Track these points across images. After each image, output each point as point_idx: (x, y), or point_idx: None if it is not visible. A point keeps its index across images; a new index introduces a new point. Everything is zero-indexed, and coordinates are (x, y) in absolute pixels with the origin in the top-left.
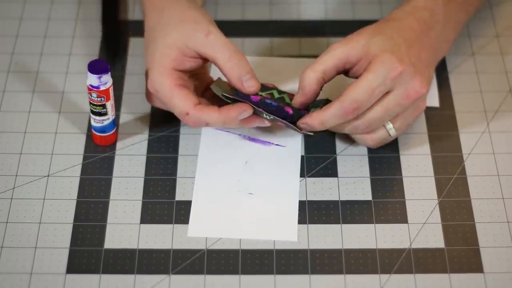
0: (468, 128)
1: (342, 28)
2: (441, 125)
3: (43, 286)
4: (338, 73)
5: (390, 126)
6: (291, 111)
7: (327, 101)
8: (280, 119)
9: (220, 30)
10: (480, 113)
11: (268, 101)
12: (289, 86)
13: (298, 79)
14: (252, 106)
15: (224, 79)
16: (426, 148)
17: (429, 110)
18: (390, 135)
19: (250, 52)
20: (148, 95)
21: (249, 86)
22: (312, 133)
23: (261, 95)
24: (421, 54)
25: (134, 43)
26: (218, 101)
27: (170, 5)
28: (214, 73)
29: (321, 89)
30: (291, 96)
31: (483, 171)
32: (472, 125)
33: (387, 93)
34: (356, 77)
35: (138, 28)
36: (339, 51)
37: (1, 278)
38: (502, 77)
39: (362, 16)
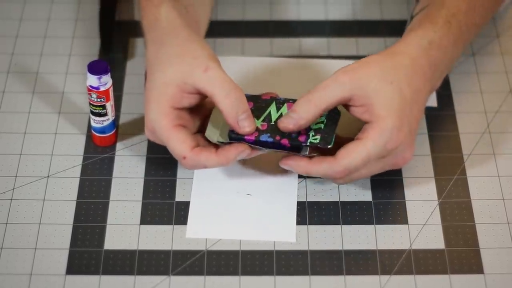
0: (468, 128)
1: (342, 28)
2: (441, 126)
3: (43, 287)
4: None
5: None
6: (288, 144)
7: (330, 114)
8: (280, 151)
9: (220, 65)
10: (480, 113)
11: (263, 138)
12: (289, 87)
13: (298, 79)
14: (249, 145)
15: None
16: (426, 149)
17: (429, 110)
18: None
19: (250, 53)
20: (147, 131)
21: (244, 126)
22: (315, 154)
23: (257, 128)
24: (420, 108)
25: (134, 43)
26: None
27: (169, 39)
28: None
29: None
30: (291, 104)
31: (483, 171)
32: (473, 126)
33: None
34: (350, 113)
35: (138, 29)
36: (345, 89)
37: (1, 279)
38: (503, 78)
39: (362, 16)
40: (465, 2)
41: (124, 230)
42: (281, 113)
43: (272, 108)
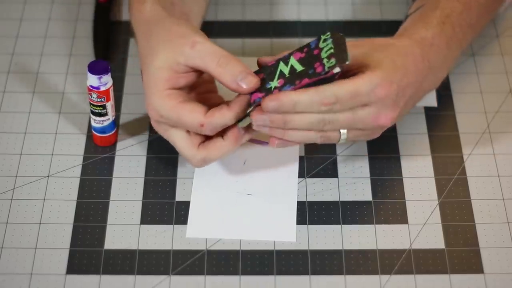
0: (468, 128)
1: (342, 29)
2: (442, 126)
3: (43, 287)
4: None
5: (344, 132)
6: (309, 81)
7: (334, 39)
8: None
9: (209, 39)
10: (480, 113)
11: (285, 89)
12: None
13: None
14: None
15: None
16: (426, 149)
17: (429, 111)
18: (339, 140)
19: (250, 53)
20: (154, 123)
21: (247, 83)
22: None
23: (275, 86)
24: (408, 89)
25: (134, 43)
26: None
27: (155, 28)
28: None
29: None
30: (296, 55)
31: (483, 171)
32: (472, 126)
33: (362, 105)
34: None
35: None
36: None
37: (1, 279)
38: (502, 78)
39: (362, 16)
40: (460, 3)
41: (124, 230)
42: (291, 65)
43: (282, 66)
